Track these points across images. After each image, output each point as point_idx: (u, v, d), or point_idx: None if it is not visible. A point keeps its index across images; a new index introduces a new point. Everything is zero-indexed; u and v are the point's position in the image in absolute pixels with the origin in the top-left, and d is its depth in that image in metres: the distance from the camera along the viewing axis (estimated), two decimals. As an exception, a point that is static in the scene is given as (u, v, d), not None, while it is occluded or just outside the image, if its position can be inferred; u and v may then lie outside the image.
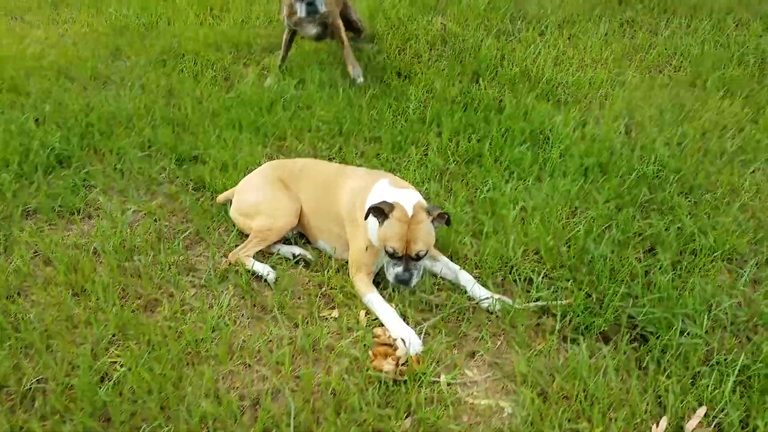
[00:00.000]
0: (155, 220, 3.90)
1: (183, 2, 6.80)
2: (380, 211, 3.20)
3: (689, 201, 4.10)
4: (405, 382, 2.88)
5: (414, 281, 3.24)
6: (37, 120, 4.82)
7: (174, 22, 6.39)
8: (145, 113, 4.93)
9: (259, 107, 4.99)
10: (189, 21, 6.37)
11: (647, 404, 2.83)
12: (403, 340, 3.04)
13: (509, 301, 3.32)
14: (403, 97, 5.12)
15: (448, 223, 3.33)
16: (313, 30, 5.20)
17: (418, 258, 3.20)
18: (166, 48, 5.89)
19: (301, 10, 4.88)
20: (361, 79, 5.25)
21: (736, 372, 2.89)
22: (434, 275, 3.55)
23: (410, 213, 3.19)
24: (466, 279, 3.42)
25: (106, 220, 3.88)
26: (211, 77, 5.44)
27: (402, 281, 3.22)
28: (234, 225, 3.81)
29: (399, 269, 3.21)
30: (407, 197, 3.30)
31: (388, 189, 3.39)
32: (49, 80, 5.35)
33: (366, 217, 3.25)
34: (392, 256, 3.22)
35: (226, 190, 4.03)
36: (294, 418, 2.71)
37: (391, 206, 3.20)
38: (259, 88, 5.19)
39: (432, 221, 3.23)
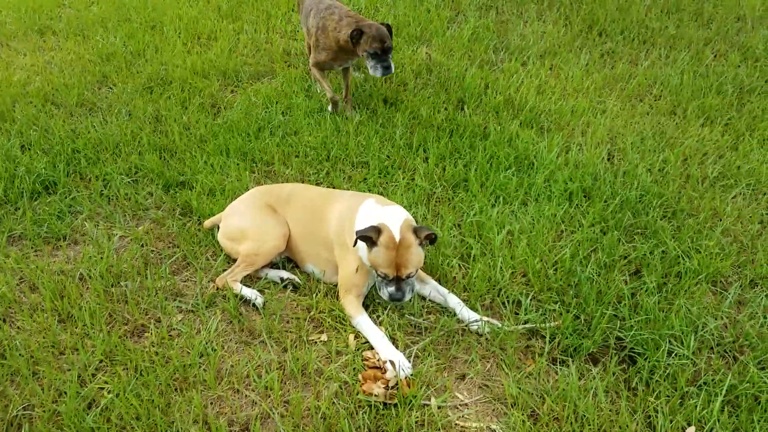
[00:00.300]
0: (142, 246, 3.88)
1: (170, 30, 6.84)
2: (368, 238, 3.23)
3: (672, 225, 4.17)
4: (395, 405, 2.87)
5: (407, 297, 3.31)
6: (23, 146, 4.80)
7: (161, 50, 6.43)
8: (132, 139, 4.93)
9: (247, 133, 5.01)
10: (176, 49, 6.40)
11: (637, 425, 2.85)
12: (392, 362, 3.04)
13: (498, 323, 3.34)
14: (390, 123, 5.18)
15: (433, 241, 3.39)
16: (348, 63, 5.36)
17: (409, 277, 3.26)
18: (154, 75, 5.91)
19: (376, 71, 4.88)
20: (357, 116, 5.32)
21: (724, 392, 2.92)
22: (423, 298, 3.56)
23: (397, 236, 3.22)
24: (454, 302, 3.44)
25: (93, 246, 3.85)
26: (199, 104, 5.46)
27: (395, 300, 3.30)
28: (221, 249, 3.81)
29: (392, 289, 3.28)
30: (394, 215, 3.34)
31: (375, 208, 3.43)
32: (35, 107, 5.33)
33: (354, 244, 3.27)
34: (383, 278, 3.28)
35: (214, 215, 4.03)
36: (284, 442, 2.68)
37: (378, 231, 3.23)
38: (246, 114, 5.22)
39: (420, 244, 3.27)
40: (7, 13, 7.48)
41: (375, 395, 2.90)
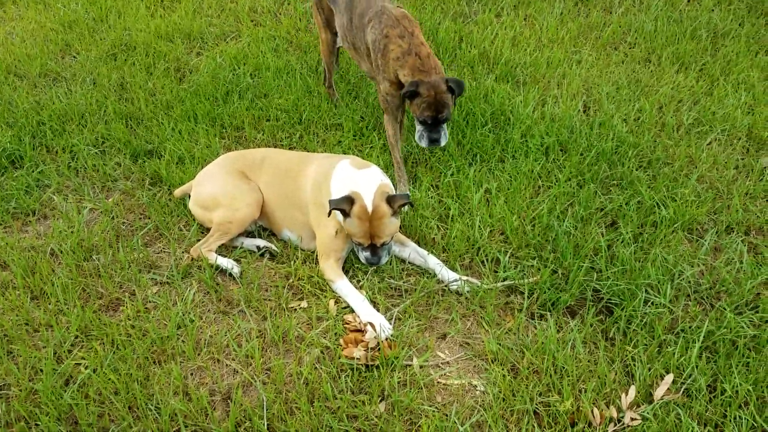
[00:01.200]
0: (112, 218, 3.80)
1: (132, -7, 6.60)
2: (341, 209, 3.20)
3: (648, 174, 4.17)
4: (377, 367, 2.88)
5: (384, 260, 3.34)
6: (-16, 120, 4.64)
7: (124, 14, 6.19)
8: (98, 109, 4.78)
9: (215, 97, 4.88)
10: (140, 13, 6.17)
11: (616, 374, 2.88)
12: (372, 325, 3.03)
13: (477, 282, 3.34)
14: (363, 82, 5.07)
15: (411, 204, 3.37)
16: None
17: (384, 243, 3.26)
18: (117, 41, 5.70)
19: (421, 139, 3.90)
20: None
21: (702, 338, 2.96)
22: (403, 261, 3.54)
23: (370, 207, 3.18)
24: (434, 263, 3.42)
25: (63, 220, 3.76)
26: (164, 69, 5.29)
27: (372, 263, 3.33)
28: (194, 219, 3.74)
29: (367, 254, 3.29)
30: (369, 179, 3.30)
31: (349, 170, 3.37)
32: (-4, 79, 5.15)
33: (329, 214, 3.22)
34: (360, 246, 3.30)
35: (184, 184, 3.94)
36: (267, 409, 2.68)
37: (351, 201, 3.19)
38: (213, 78, 5.08)
39: (394, 213, 3.24)
40: (-41, -19, 7.14)
41: (357, 358, 2.90)
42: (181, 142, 4.37)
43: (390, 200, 3.22)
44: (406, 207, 3.66)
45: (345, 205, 3.18)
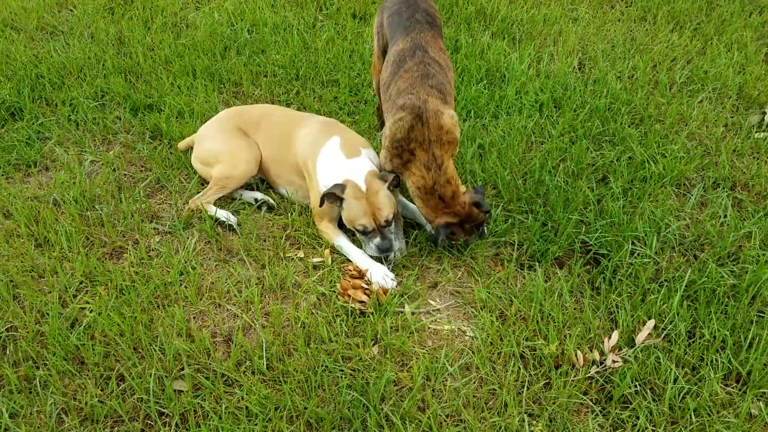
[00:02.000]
0: (114, 170, 3.87)
1: (127, -53, 6.54)
2: (334, 196, 3.23)
3: (640, 131, 4.24)
4: (372, 314, 2.99)
5: (397, 244, 3.27)
6: (-17, 73, 4.66)
7: (119, -32, 6.17)
8: (96, 63, 4.81)
9: (213, 52, 4.91)
10: (135, -34, 6.14)
11: (600, 320, 3.01)
12: (379, 279, 3.14)
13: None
14: (359, 39, 5.09)
15: (398, 185, 3.35)
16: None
17: (388, 223, 3.24)
18: (113, -5, 5.71)
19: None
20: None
21: (683, 287, 3.08)
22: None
23: (363, 186, 3.22)
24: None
25: (64, 171, 3.84)
26: (162, 23, 5.30)
27: (385, 250, 3.24)
28: (194, 172, 3.81)
29: (377, 240, 3.24)
30: (358, 168, 3.29)
31: (338, 156, 3.35)
32: (-7, 32, 5.16)
33: (321, 204, 3.26)
34: (365, 233, 3.25)
35: (183, 137, 4.01)
36: (266, 350, 2.80)
37: (342, 187, 3.22)
38: (211, 33, 5.09)
39: (388, 187, 3.26)
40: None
41: (360, 302, 3.01)
42: (180, 96, 4.42)
43: (381, 178, 3.24)
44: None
45: (337, 190, 3.21)
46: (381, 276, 3.14)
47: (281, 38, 5.08)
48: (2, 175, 3.82)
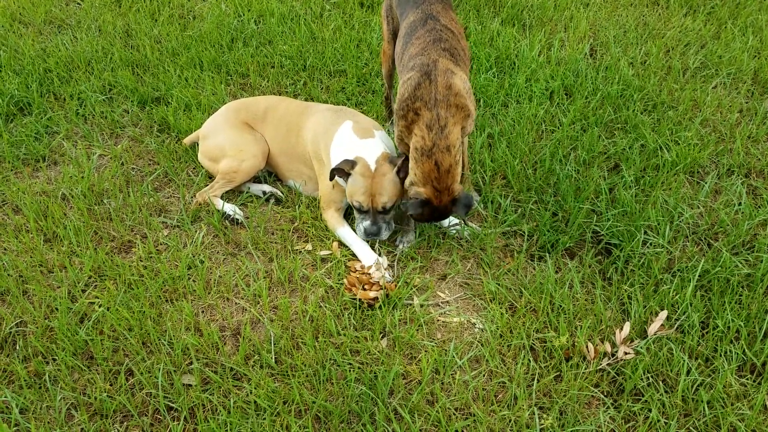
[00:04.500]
0: (122, 164, 3.87)
1: (134, -61, 6.51)
2: (343, 171, 3.21)
3: (652, 118, 4.17)
4: (379, 306, 2.97)
5: (384, 233, 3.26)
6: (-8, 68, 4.67)
7: (126, -40, 6.15)
8: (104, 56, 4.80)
9: (220, 44, 4.88)
10: (142, -42, 6.13)
11: (611, 312, 2.97)
12: (377, 266, 3.12)
13: (477, 228, 3.40)
14: (367, 28, 5.04)
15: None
16: None
17: (385, 211, 3.22)
18: (120, -13, 5.69)
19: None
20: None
21: (697, 277, 3.03)
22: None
23: (373, 166, 3.20)
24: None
25: (73, 166, 3.84)
26: (168, 15, 5.28)
27: (371, 234, 3.24)
28: (203, 167, 3.80)
29: (367, 223, 3.23)
30: (371, 149, 3.28)
31: (352, 138, 3.35)
32: (2, 26, 5.14)
33: (331, 178, 3.25)
34: (359, 210, 3.25)
35: (191, 130, 4.00)
36: (274, 344, 2.79)
37: (353, 163, 3.21)
38: (218, 25, 5.06)
39: (398, 172, 3.22)
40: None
41: (371, 298, 2.98)
42: (188, 89, 4.40)
43: (393, 162, 3.22)
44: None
45: (346, 166, 3.20)
46: (378, 270, 3.12)
47: (288, 29, 5.04)
48: (11, 170, 3.83)
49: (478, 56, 4.62)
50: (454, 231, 3.40)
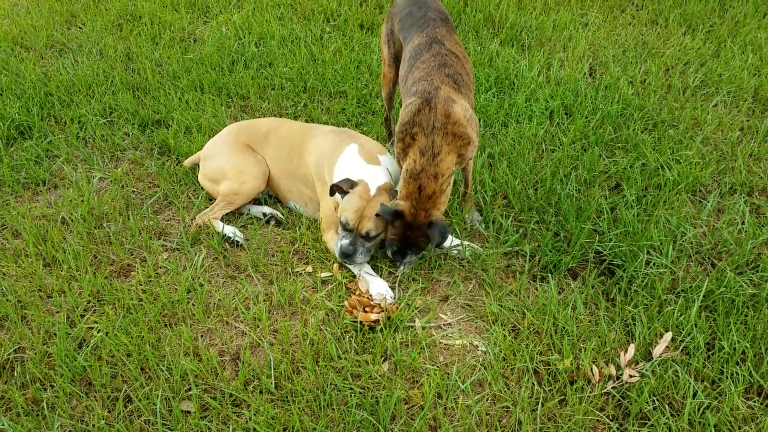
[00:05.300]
0: (122, 187, 3.86)
1: (136, -37, 6.58)
2: (342, 189, 3.22)
3: (653, 137, 4.16)
4: (381, 330, 2.94)
5: (358, 258, 3.21)
6: (-7, 92, 4.69)
7: (128, -16, 6.21)
8: (105, 79, 4.82)
9: (220, 67, 4.90)
10: (144, -17, 6.18)
11: (615, 333, 2.93)
12: (378, 293, 3.09)
13: (479, 248, 3.38)
14: (367, 50, 5.07)
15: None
16: None
17: (367, 237, 3.19)
18: (123, 11, 5.72)
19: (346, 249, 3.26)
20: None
21: (701, 297, 3.00)
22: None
23: (372, 192, 3.21)
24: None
25: (73, 189, 3.83)
26: (170, 39, 5.31)
27: (345, 254, 3.19)
28: (202, 188, 3.79)
29: (346, 242, 3.19)
30: (376, 175, 3.29)
31: (357, 162, 3.35)
32: (4, 51, 5.17)
33: (331, 194, 3.25)
34: (344, 227, 3.22)
35: (191, 153, 4.00)
36: (274, 369, 2.76)
37: (354, 184, 3.22)
38: (219, 48, 5.09)
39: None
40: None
41: (376, 321, 2.95)
42: (188, 111, 4.41)
43: (391, 194, 3.22)
44: None
45: (347, 184, 3.21)
46: (380, 290, 3.09)
47: (289, 51, 5.07)
48: (11, 194, 3.82)
49: (478, 77, 4.63)
50: (456, 252, 3.37)
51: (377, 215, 3.14)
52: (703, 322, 2.92)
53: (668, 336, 2.87)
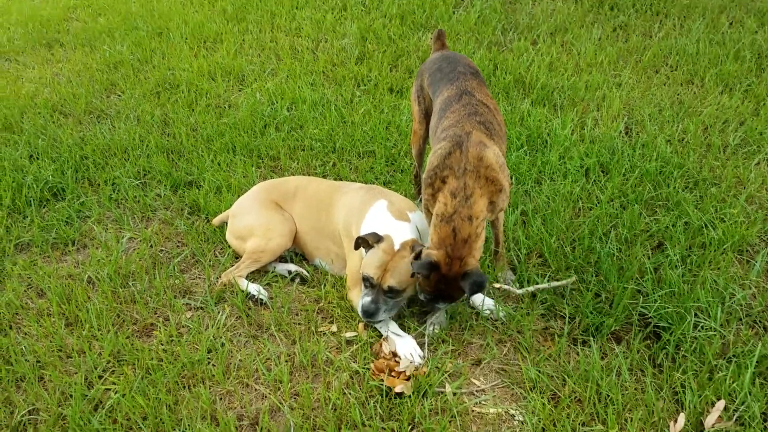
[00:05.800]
0: (150, 246, 3.83)
1: (177, 36, 6.82)
2: (368, 243, 3.14)
3: (695, 195, 3.99)
4: (409, 396, 2.76)
5: (380, 316, 3.07)
6: (31, 156, 4.79)
7: (168, 55, 6.41)
8: (140, 143, 4.90)
9: (253, 130, 4.95)
10: (183, 54, 6.38)
11: (664, 402, 2.70)
12: (406, 352, 2.94)
13: (514, 289, 3.21)
14: (396, 111, 5.07)
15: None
16: None
17: (390, 292, 3.06)
18: (161, 80, 5.89)
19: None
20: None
21: (754, 363, 2.76)
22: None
23: (397, 247, 3.11)
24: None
25: (101, 249, 3.81)
26: (206, 105, 5.42)
27: (366, 312, 3.05)
28: (229, 246, 3.74)
29: (368, 299, 3.06)
30: (402, 232, 3.19)
31: (386, 217, 3.27)
32: (44, 117, 5.34)
33: (356, 248, 3.16)
34: (367, 284, 3.11)
35: (220, 211, 3.97)
36: (294, 436, 2.59)
37: (380, 238, 3.13)
38: (252, 112, 5.16)
39: (415, 257, 3.03)
40: (15, 30, 7.54)
41: (397, 391, 2.77)
42: (220, 172, 4.43)
43: (418, 252, 3.02)
44: None
45: (372, 238, 3.12)
46: (409, 350, 2.93)
47: (319, 114, 5.11)
48: (40, 254, 3.82)
49: (510, 135, 4.56)
50: (488, 311, 3.21)
51: (411, 275, 2.99)
52: (758, 389, 2.68)
53: (721, 404, 2.63)
